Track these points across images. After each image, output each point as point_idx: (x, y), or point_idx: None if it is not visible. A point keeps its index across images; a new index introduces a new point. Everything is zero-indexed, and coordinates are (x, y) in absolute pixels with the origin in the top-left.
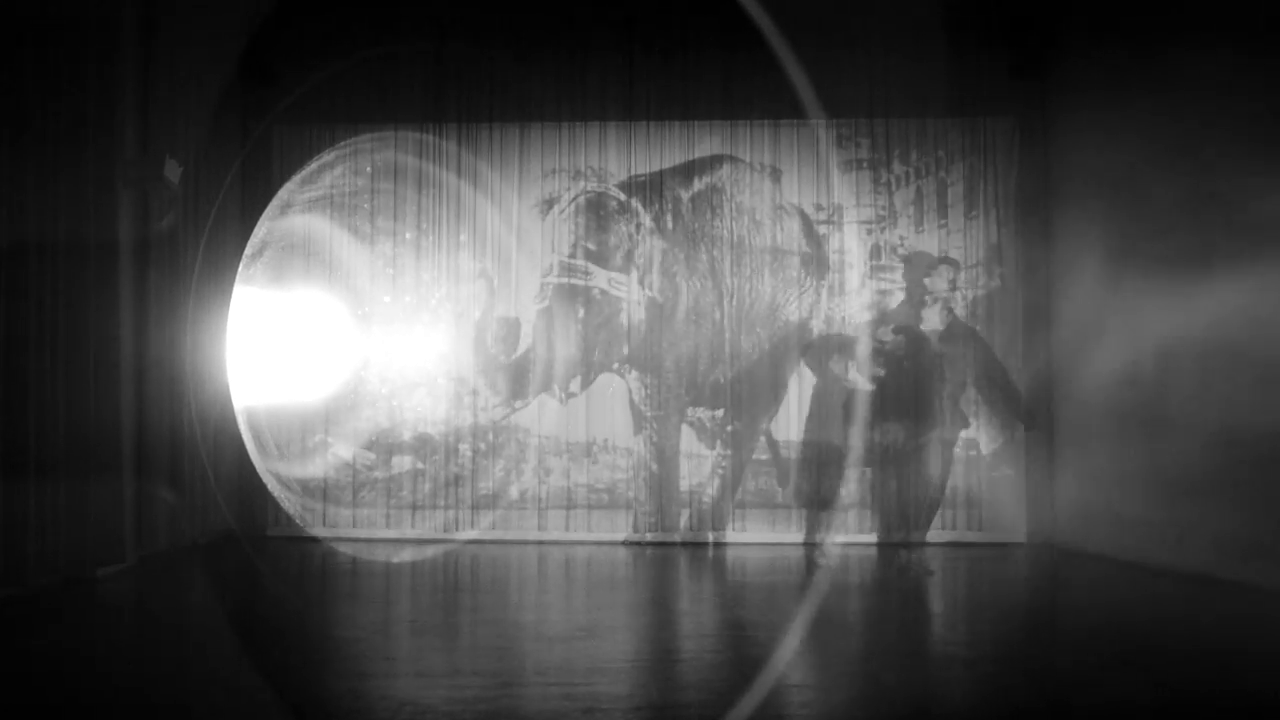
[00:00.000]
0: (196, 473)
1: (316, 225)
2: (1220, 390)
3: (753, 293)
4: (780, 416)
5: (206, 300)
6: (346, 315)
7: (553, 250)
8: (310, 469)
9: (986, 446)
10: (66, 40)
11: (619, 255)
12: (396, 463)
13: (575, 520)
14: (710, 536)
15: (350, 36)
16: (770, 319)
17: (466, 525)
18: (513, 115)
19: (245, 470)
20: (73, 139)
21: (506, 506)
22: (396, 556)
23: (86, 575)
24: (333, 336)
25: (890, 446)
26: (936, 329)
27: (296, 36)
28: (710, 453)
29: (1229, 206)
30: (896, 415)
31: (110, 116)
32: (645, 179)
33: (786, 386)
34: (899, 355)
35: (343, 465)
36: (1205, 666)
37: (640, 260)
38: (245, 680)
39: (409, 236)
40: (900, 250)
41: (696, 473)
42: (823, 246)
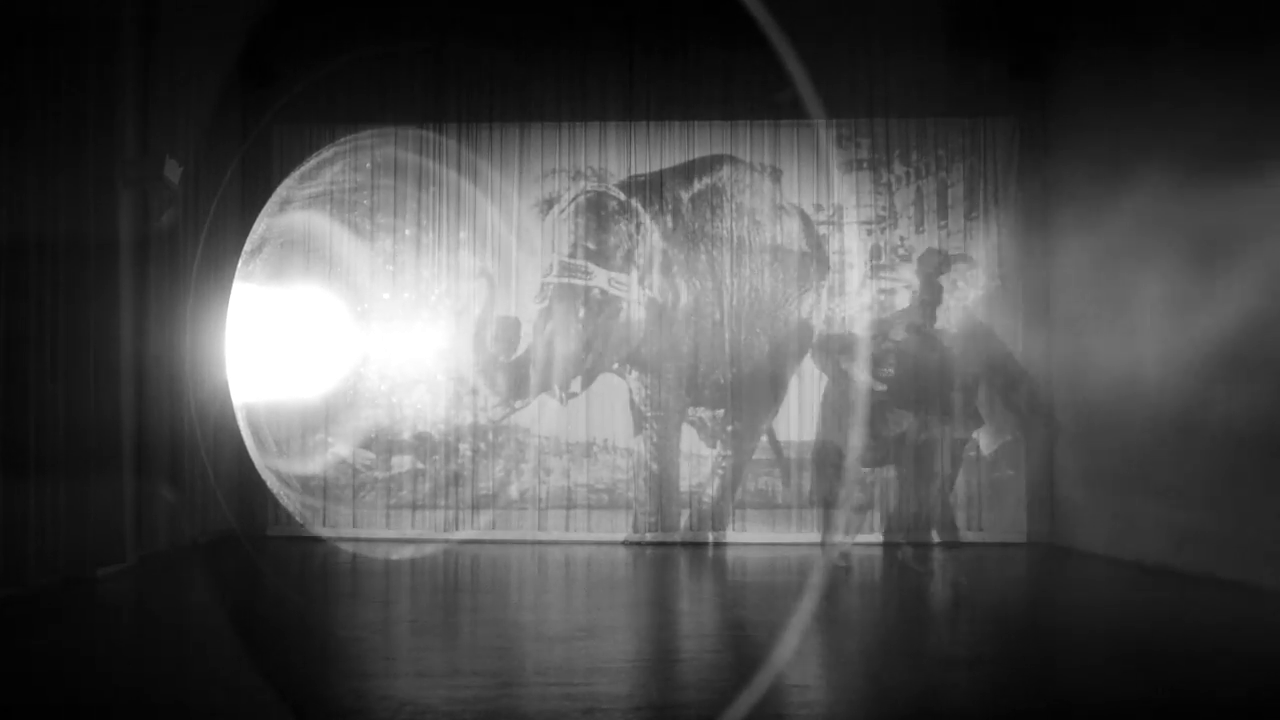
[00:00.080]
0: (197, 471)
1: (316, 221)
2: (1220, 390)
3: (752, 293)
4: (781, 416)
5: (206, 298)
6: (346, 312)
7: (553, 250)
8: (310, 466)
9: (986, 446)
10: (66, 40)
11: (619, 255)
12: (396, 462)
13: (575, 520)
14: (710, 536)
15: (350, 36)
16: (770, 319)
17: (466, 525)
18: (513, 115)
19: (245, 468)
20: (73, 138)
21: (506, 506)
22: (396, 556)
23: (86, 575)
24: (332, 333)
25: (901, 439)
26: (950, 327)
27: (296, 36)
28: (710, 453)
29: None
30: (908, 410)
31: (110, 116)
32: (645, 179)
33: (787, 386)
34: (911, 354)
35: (342, 464)
36: (1205, 667)
37: (640, 260)
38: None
39: (409, 233)
40: (900, 251)
41: (696, 473)
42: (823, 246)
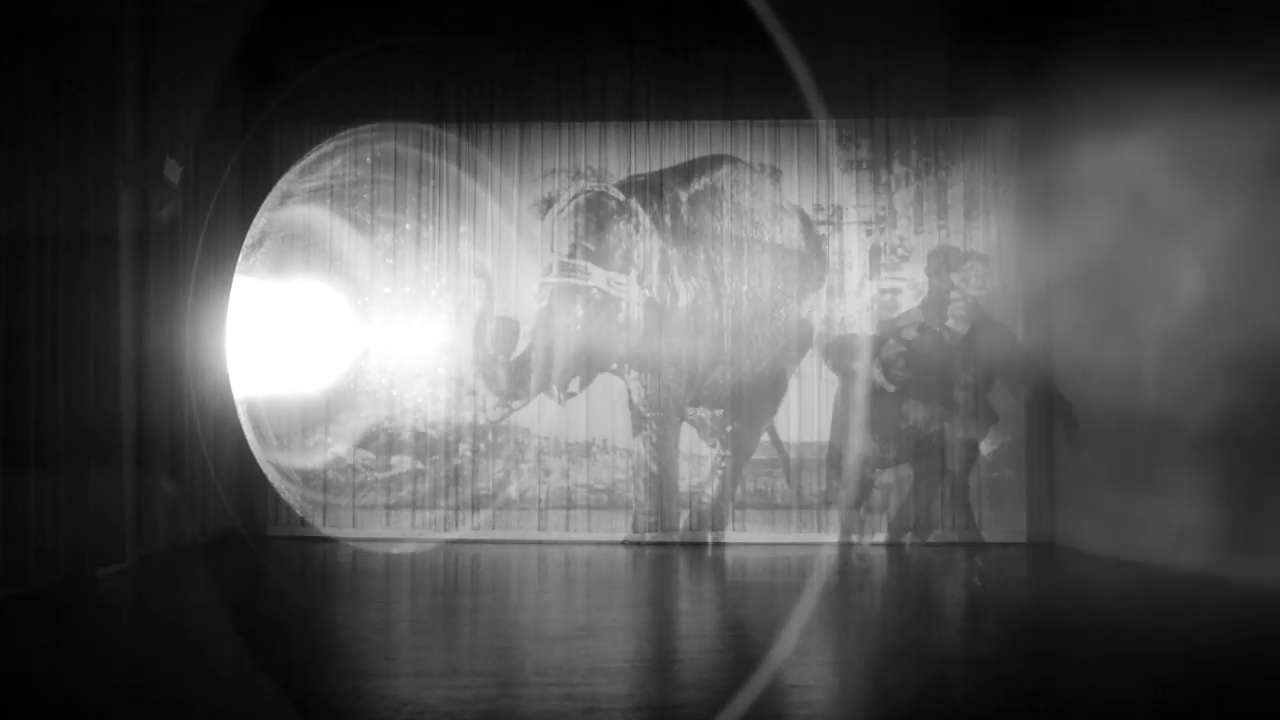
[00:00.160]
0: (197, 467)
1: (316, 216)
2: (1220, 390)
3: (751, 293)
4: (781, 415)
5: (207, 293)
6: (346, 306)
7: (551, 250)
8: (311, 461)
9: (986, 446)
10: (66, 39)
11: (618, 255)
12: (396, 462)
13: (574, 520)
14: (710, 537)
15: (350, 35)
16: (770, 319)
17: (465, 525)
18: (512, 115)
19: (246, 466)
20: (73, 136)
21: (505, 506)
22: (396, 556)
23: (86, 575)
24: (333, 327)
25: (913, 433)
26: (962, 325)
27: (296, 35)
28: (710, 453)
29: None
30: (920, 404)
31: (110, 115)
32: (644, 179)
33: (787, 386)
34: (922, 354)
35: (342, 463)
36: (1205, 666)
37: (639, 260)
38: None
39: (409, 227)
40: (899, 251)
41: (696, 473)
42: (822, 246)
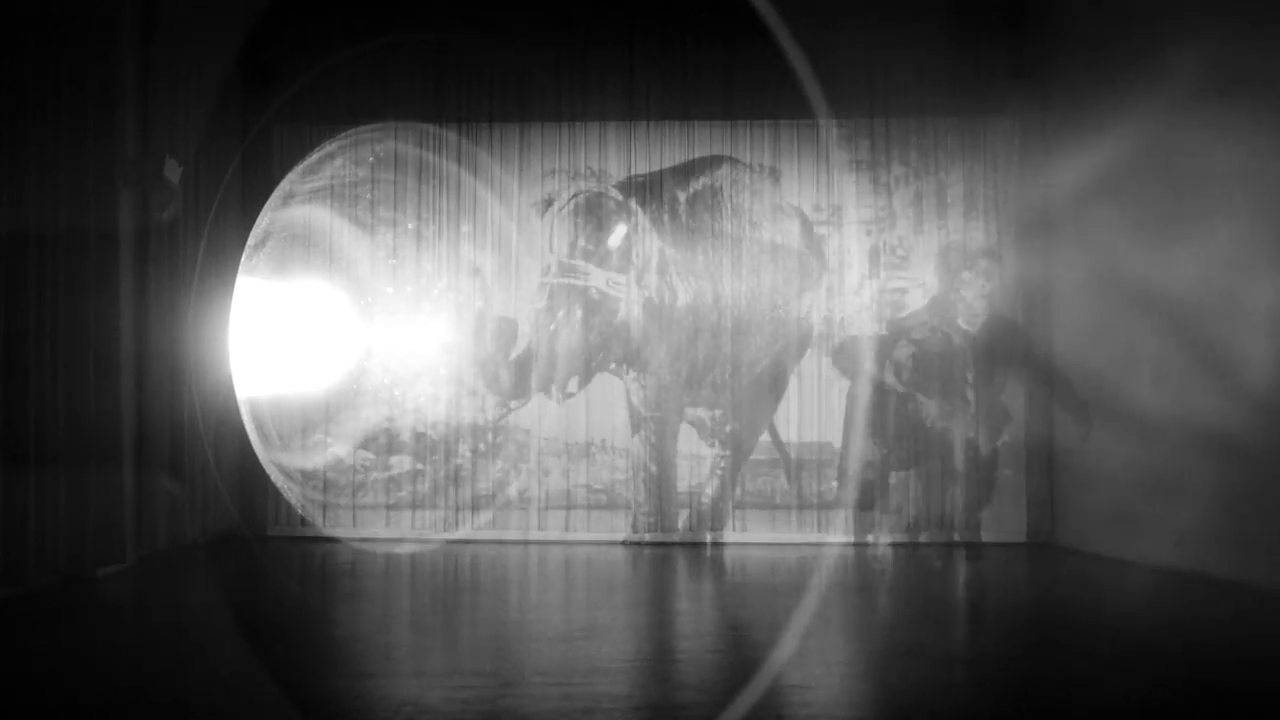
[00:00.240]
0: (198, 467)
1: (318, 215)
2: (1219, 391)
3: (750, 293)
4: (781, 415)
5: (208, 292)
6: (349, 305)
7: (550, 250)
8: (312, 460)
9: (985, 446)
10: (67, 39)
11: (617, 255)
12: (395, 462)
13: (574, 520)
14: (709, 537)
15: (350, 35)
16: (769, 319)
17: (465, 525)
18: (513, 114)
19: (247, 466)
20: (73, 136)
21: (505, 506)
22: (396, 556)
23: (86, 575)
24: (335, 327)
25: (925, 432)
26: (973, 323)
27: (296, 35)
28: (709, 452)
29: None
30: (932, 404)
31: (110, 114)
32: (644, 179)
33: (786, 386)
34: (934, 354)
35: (342, 463)
36: (1204, 667)
37: (638, 260)
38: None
39: (411, 227)
40: (899, 251)
41: (695, 473)
42: (822, 247)
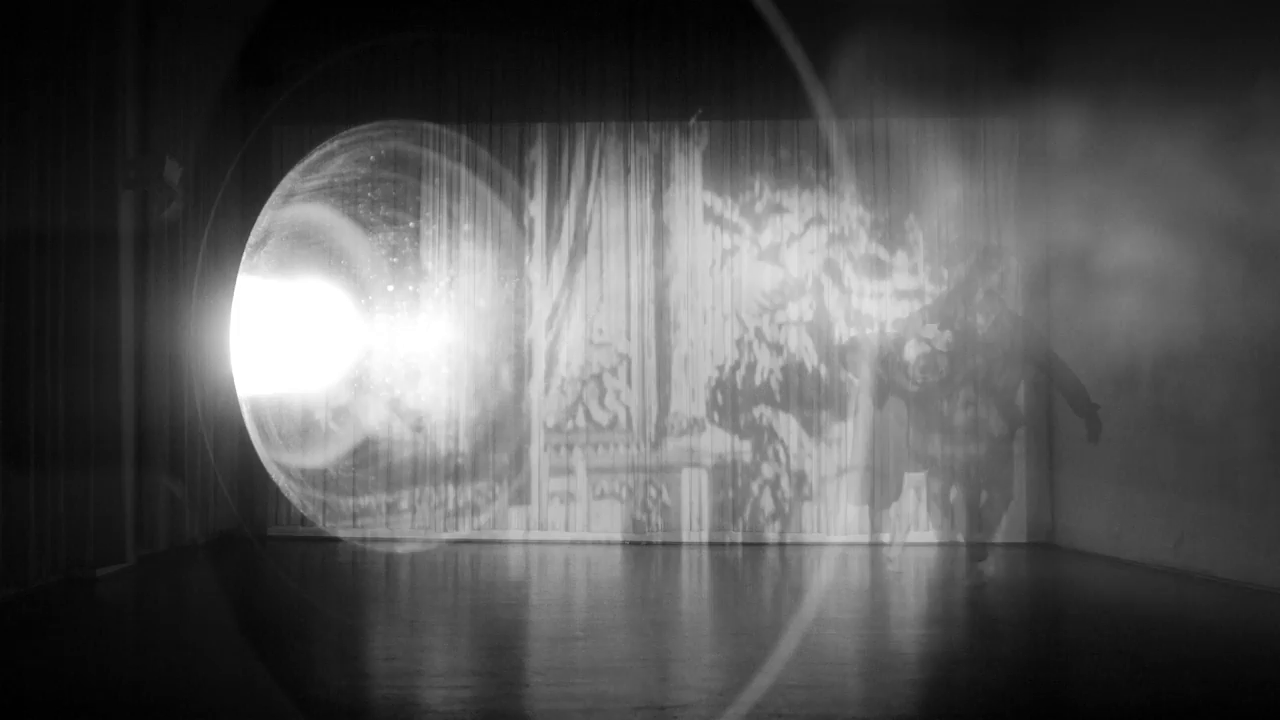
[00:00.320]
0: (198, 468)
1: (320, 214)
2: (1219, 391)
3: (752, 293)
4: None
5: (209, 291)
6: (350, 304)
7: (554, 248)
8: (313, 459)
9: (1003, 445)
10: (67, 39)
11: (619, 254)
12: (397, 462)
13: (574, 520)
14: (712, 536)
15: (350, 36)
16: (771, 319)
17: (465, 524)
18: (512, 113)
19: (247, 465)
20: (73, 136)
21: (506, 505)
22: (396, 556)
23: (86, 575)
24: (336, 326)
25: (939, 431)
26: (986, 323)
27: (296, 35)
28: (713, 452)
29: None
30: (945, 403)
31: (110, 114)
32: (644, 177)
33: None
34: (947, 352)
35: (343, 463)
36: (1205, 666)
37: (638, 260)
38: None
39: (412, 225)
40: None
41: (699, 473)
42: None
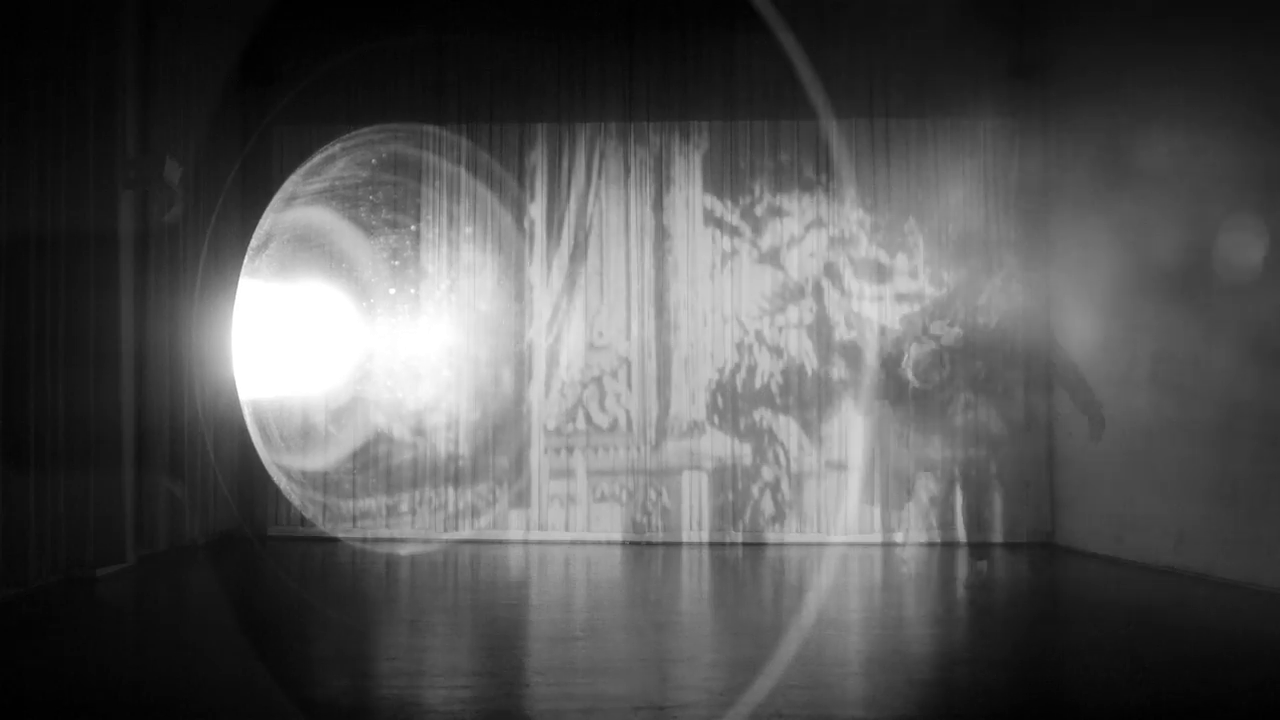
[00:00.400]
0: (199, 468)
1: (321, 217)
2: (1219, 391)
3: (753, 293)
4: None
5: (210, 293)
6: (351, 307)
7: (555, 250)
8: (314, 461)
9: (1010, 444)
10: (68, 39)
11: (619, 257)
12: (397, 463)
13: (575, 520)
14: (711, 537)
15: (350, 37)
16: (772, 319)
17: (466, 525)
18: (512, 114)
19: (247, 465)
20: (73, 136)
21: (506, 506)
22: (396, 556)
23: (86, 575)
24: (338, 328)
25: (945, 430)
26: (990, 323)
27: (297, 36)
28: (713, 453)
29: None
30: (950, 403)
31: (110, 114)
32: (644, 178)
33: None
34: (952, 351)
35: (344, 464)
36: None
37: (638, 260)
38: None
39: (413, 228)
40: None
41: (699, 473)
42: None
